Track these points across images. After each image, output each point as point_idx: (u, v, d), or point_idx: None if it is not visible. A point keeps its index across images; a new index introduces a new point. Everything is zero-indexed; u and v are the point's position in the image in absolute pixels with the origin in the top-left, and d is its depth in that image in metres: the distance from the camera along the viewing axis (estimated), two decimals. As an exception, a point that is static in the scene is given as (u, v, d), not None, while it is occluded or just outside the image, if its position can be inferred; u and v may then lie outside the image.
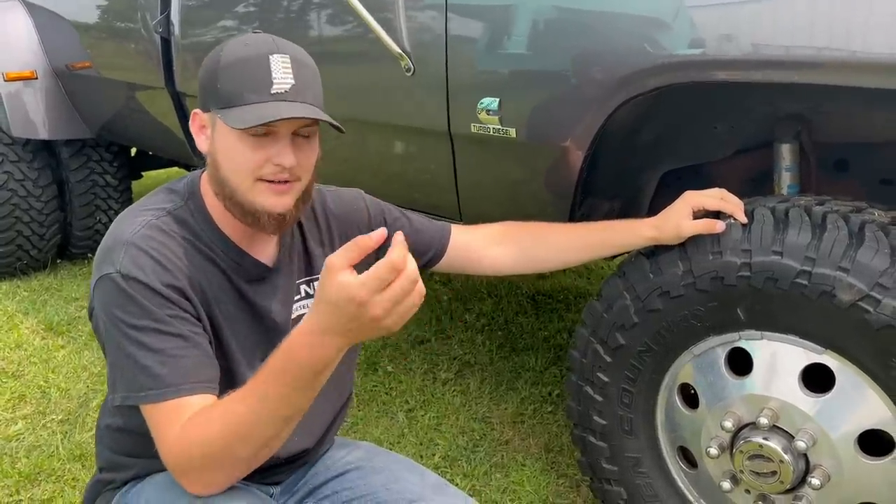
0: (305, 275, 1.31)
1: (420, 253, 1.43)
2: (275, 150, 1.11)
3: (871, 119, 1.55)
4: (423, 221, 1.48)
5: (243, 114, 1.08)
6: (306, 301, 1.30)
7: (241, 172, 1.12)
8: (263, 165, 1.12)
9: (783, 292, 1.28)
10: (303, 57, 1.15)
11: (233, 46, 1.14)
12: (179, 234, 1.16)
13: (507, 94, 1.62)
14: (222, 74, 1.12)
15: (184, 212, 1.19)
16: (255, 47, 1.12)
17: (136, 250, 1.10)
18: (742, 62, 1.29)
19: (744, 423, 1.38)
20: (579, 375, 1.60)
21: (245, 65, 1.11)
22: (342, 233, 1.36)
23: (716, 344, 1.41)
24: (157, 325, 1.07)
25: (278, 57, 1.11)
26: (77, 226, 3.64)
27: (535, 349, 2.72)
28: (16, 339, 2.91)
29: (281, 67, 1.11)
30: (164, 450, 1.04)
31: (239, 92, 1.10)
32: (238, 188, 1.13)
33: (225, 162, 1.14)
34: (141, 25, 2.72)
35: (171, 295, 1.09)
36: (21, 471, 2.08)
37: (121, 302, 1.08)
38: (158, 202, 1.20)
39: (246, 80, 1.10)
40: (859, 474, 1.28)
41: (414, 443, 2.18)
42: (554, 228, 1.52)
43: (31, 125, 3.33)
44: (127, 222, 1.16)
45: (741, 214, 1.35)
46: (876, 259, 1.20)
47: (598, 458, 1.63)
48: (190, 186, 1.23)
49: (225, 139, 1.12)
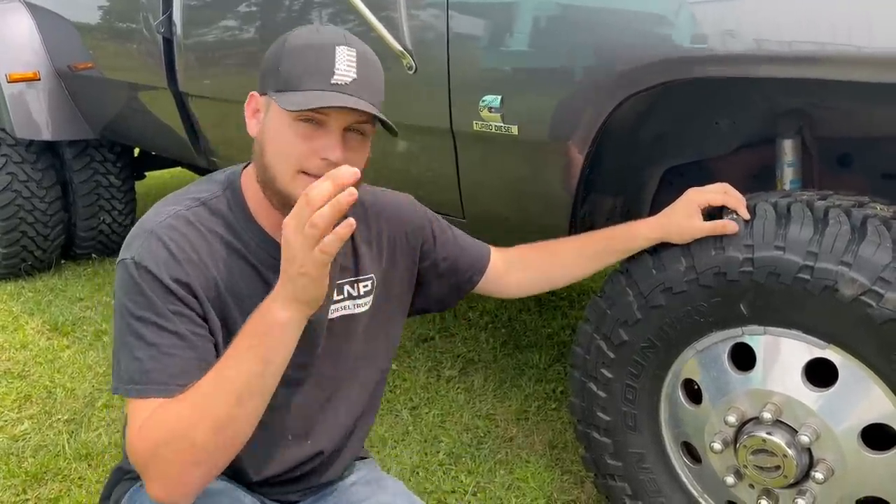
0: (351, 275, 1.27)
1: (462, 270, 1.42)
2: (323, 142, 1.08)
3: (873, 114, 1.55)
4: (466, 239, 1.45)
5: (300, 98, 1.06)
6: (348, 302, 1.27)
7: (285, 159, 1.09)
8: (309, 157, 1.08)
9: (786, 287, 1.28)
10: (371, 56, 1.13)
11: (302, 31, 1.13)
12: (208, 227, 1.14)
13: (509, 91, 1.62)
14: (286, 57, 1.09)
15: (220, 202, 1.17)
16: (324, 35, 1.10)
17: (155, 240, 1.09)
18: (744, 57, 1.29)
19: (747, 418, 1.39)
20: (583, 372, 1.61)
21: (310, 50, 1.09)
22: (390, 236, 1.33)
23: (719, 339, 1.42)
24: (157, 318, 1.06)
25: (345, 49, 1.08)
26: (81, 226, 3.66)
27: (538, 346, 2.72)
28: (21, 339, 2.92)
29: (346, 59, 1.08)
30: (128, 442, 1.02)
31: (298, 76, 1.07)
32: (279, 176, 1.10)
33: (271, 146, 1.11)
34: (143, 26, 2.72)
35: (178, 290, 1.07)
36: (28, 470, 2.09)
37: (128, 289, 1.07)
38: (196, 192, 1.19)
39: (308, 65, 1.07)
40: (863, 468, 1.29)
41: (418, 440, 2.19)
42: (563, 246, 1.50)
43: (34, 126, 3.34)
44: (158, 210, 1.15)
45: (744, 210, 1.35)
46: (878, 253, 1.20)
47: (601, 454, 1.63)
48: (231, 176, 1.21)
49: (275, 123, 1.10)
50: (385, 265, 1.32)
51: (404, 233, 1.35)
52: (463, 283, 1.44)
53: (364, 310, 1.29)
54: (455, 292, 1.44)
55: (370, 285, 1.29)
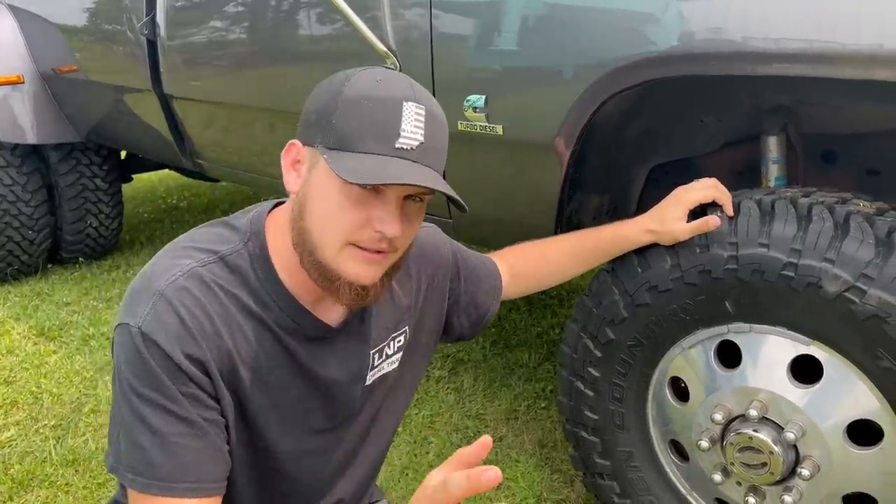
0: (388, 334, 1.15)
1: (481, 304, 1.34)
2: (380, 213, 0.94)
3: (857, 110, 1.55)
4: (481, 269, 1.35)
5: (357, 163, 0.91)
6: (383, 363, 1.16)
7: (333, 228, 0.95)
8: (362, 228, 0.95)
9: (770, 284, 1.28)
10: (438, 111, 0.98)
11: (362, 79, 0.95)
12: (224, 290, 0.99)
13: (493, 90, 1.61)
14: (343, 109, 0.93)
15: (240, 257, 1.02)
16: (388, 87, 0.94)
17: (165, 306, 0.94)
18: (730, 55, 1.29)
19: (734, 416, 1.39)
20: (570, 371, 1.61)
21: (372, 104, 0.93)
22: (426, 279, 1.22)
23: (705, 337, 1.42)
24: (165, 401, 0.93)
25: (413, 106, 0.93)
26: (67, 230, 3.63)
27: (528, 345, 2.72)
28: (7, 344, 2.90)
29: (414, 119, 0.93)
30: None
31: (357, 134, 0.92)
32: (323, 246, 0.96)
33: (316, 211, 0.96)
34: (127, 28, 2.71)
35: (190, 369, 0.94)
36: (14, 477, 2.07)
37: (132, 362, 0.94)
38: (212, 241, 1.03)
39: (369, 122, 0.92)
40: (848, 464, 1.29)
41: (408, 441, 2.18)
42: (552, 246, 1.47)
43: (18, 130, 3.31)
44: (167, 264, 0.99)
45: (730, 206, 1.35)
46: (861, 250, 1.20)
47: (590, 453, 1.63)
48: (254, 224, 1.05)
49: (324, 185, 0.95)
50: (419, 312, 1.23)
51: (437, 272, 1.25)
52: (482, 316, 1.35)
53: (395, 367, 1.19)
54: (474, 326, 1.36)
55: (403, 340, 1.19)
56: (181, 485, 0.94)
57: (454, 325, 1.33)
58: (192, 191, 5.24)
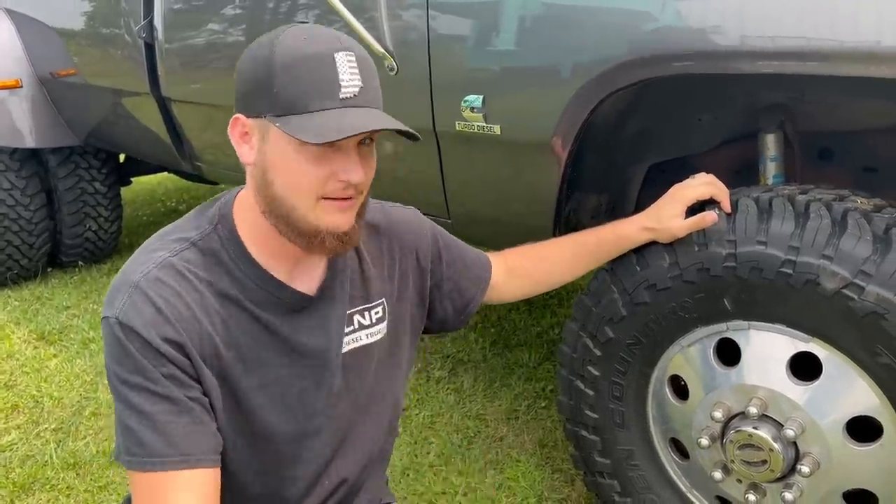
0: (362, 302, 1.17)
1: (465, 292, 1.34)
2: (341, 164, 0.98)
3: (854, 107, 1.56)
4: (469, 256, 1.36)
5: (309, 124, 0.94)
6: (360, 333, 1.17)
7: (302, 190, 0.98)
8: (328, 181, 0.98)
9: (768, 282, 1.28)
10: (362, 51, 1.01)
11: (289, 41, 0.97)
12: (199, 276, 1.03)
13: (490, 91, 1.62)
14: (281, 75, 0.95)
15: (211, 241, 1.06)
16: (317, 43, 0.97)
17: (141, 296, 0.99)
18: (726, 53, 1.29)
19: (733, 413, 1.39)
20: (570, 370, 1.61)
21: (307, 64, 0.95)
22: (401, 255, 1.24)
23: (704, 335, 1.42)
24: (147, 383, 0.97)
25: (344, 55, 0.96)
26: (67, 234, 3.63)
27: (527, 345, 2.72)
28: (7, 348, 2.90)
29: (348, 67, 0.96)
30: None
31: (304, 97, 0.95)
32: (297, 207, 0.99)
33: (280, 177, 0.99)
34: (125, 31, 2.71)
35: (169, 351, 0.98)
36: (15, 481, 2.07)
37: (114, 352, 0.99)
38: (183, 229, 1.08)
39: (309, 82, 0.95)
40: (848, 461, 1.29)
41: (408, 441, 2.18)
42: (552, 248, 1.46)
43: (17, 134, 3.31)
44: (142, 258, 1.04)
45: (727, 202, 1.35)
46: (859, 246, 1.20)
47: (590, 452, 1.63)
48: (223, 209, 1.09)
49: (281, 151, 0.98)
50: (397, 287, 1.24)
51: (415, 251, 1.26)
52: (466, 304, 1.35)
53: (379, 338, 1.20)
54: (458, 314, 1.35)
55: (381, 311, 1.20)
56: (173, 458, 0.97)
57: (437, 310, 1.33)
58: (190, 193, 5.24)
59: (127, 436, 0.99)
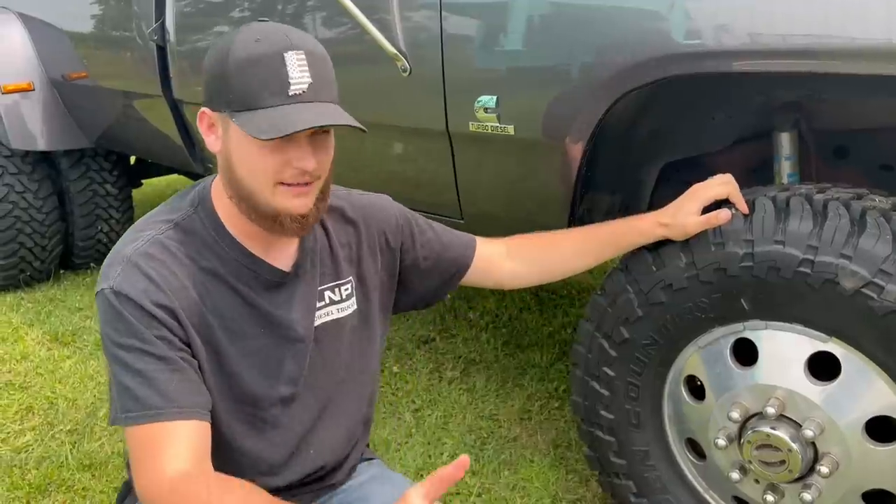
0: (331, 279, 1.26)
1: (444, 268, 1.40)
2: (294, 153, 1.06)
3: (868, 105, 1.55)
4: (448, 235, 1.42)
5: (260, 121, 1.03)
6: (332, 308, 1.26)
7: (260, 177, 1.08)
8: (283, 169, 1.07)
9: (786, 281, 1.28)
10: (316, 48, 1.08)
11: (242, 42, 1.06)
12: (183, 251, 1.13)
13: (504, 91, 1.62)
14: (234, 74, 1.05)
15: (192, 221, 1.16)
16: (267, 43, 1.04)
17: (133, 268, 1.08)
18: (739, 52, 1.29)
19: (751, 414, 1.38)
20: (585, 370, 1.60)
21: (258, 63, 1.04)
22: (368, 237, 1.32)
23: (720, 335, 1.41)
24: (141, 344, 1.05)
25: (293, 54, 1.04)
26: (79, 236, 3.65)
27: (540, 345, 2.72)
28: (21, 350, 2.92)
29: (297, 66, 1.04)
30: (141, 481, 1.04)
31: (254, 94, 1.04)
32: (256, 192, 1.09)
33: (241, 165, 1.09)
34: (136, 34, 2.72)
35: (159, 314, 1.07)
36: (31, 482, 2.08)
37: (110, 318, 1.07)
38: (167, 212, 1.18)
39: (260, 81, 1.03)
40: (868, 461, 1.28)
41: (422, 442, 2.18)
42: (562, 237, 1.49)
43: (29, 136, 3.33)
44: (132, 236, 1.14)
45: (743, 203, 1.34)
46: (878, 245, 1.20)
47: (606, 453, 1.63)
48: (201, 192, 1.19)
49: (239, 142, 1.07)
50: (363, 267, 1.32)
51: (383, 232, 1.34)
52: (446, 281, 1.42)
53: (349, 312, 1.29)
54: (439, 289, 1.43)
55: (350, 288, 1.29)
56: (168, 410, 1.04)
57: (416, 288, 1.40)
58: (201, 195, 5.24)
59: (122, 395, 1.06)
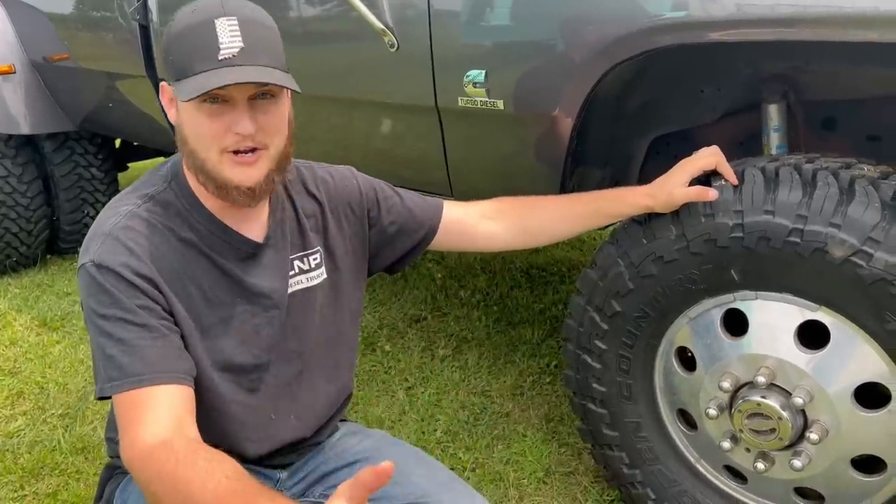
0: (299, 250, 1.29)
1: (412, 231, 1.42)
2: (232, 117, 1.09)
3: (856, 75, 1.55)
4: (414, 199, 1.44)
5: (191, 84, 1.06)
6: (301, 277, 1.29)
7: (205, 143, 1.11)
8: (223, 135, 1.10)
9: (776, 251, 1.28)
10: (254, 15, 1.11)
11: (181, 15, 1.11)
12: (162, 223, 1.15)
13: (493, 65, 1.60)
14: (173, 45, 1.10)
15: (168, 194, 1.19)
16: (200, 13, 1.09)
17: (113, 241, 1.11)
18: (727, 22, 1.28)
19: (741, 383, 1.40)
20: (576, 344, 1.61)
21: (191, 33, 1.08)
22: (333, 207, 1.34)
23: (711, 306, 1.42)
24: (123, 314, 1.07)
25: (224, 20, 1.07)
26: (65, 220, 3.61)
27: (531, 322, 2.73)
28: (10, 336, 2.90)
29: (228, 31, 1.07)
30: (127, 448, 1.03)
31: (187, 61, 1.07)
32: (206, 161, 1.12)
33: (190, 133, 1.12)
34: (118, 14, 2.68)
35: (141, 284, 1.09)
36: (24, 466, 2.08)
37: (93, 291, 1.09)
38: (142, 187, 1.21)
39: (193, 48, 1.07)
40: (857, 427, 1.30)
41: (415, 419, 2.19)
42: (546, 201, 1.49)
43: (12, 120, 3.28)
44: (110, 212, 1.16)
45: (731, 173, 1.35)
46: (867, 213, 1.21)
47: (598, 425, 1.64)
48: (174, 167, 1.22)
49: (185, 111, 1.11)
50: (330, 237, 1.34)
51: (347, 203, 1.36)
52: (416, 244, 1.43)
53: (320, 281, 1.31)
54: (410, 253, 1.45)
55: (318, 257, 1.32)
56: (150, 375, 1.06)
57: (386, 253, 1.43)
58: (187, 178, 5.21)
59: (106, 365, 1.07)
